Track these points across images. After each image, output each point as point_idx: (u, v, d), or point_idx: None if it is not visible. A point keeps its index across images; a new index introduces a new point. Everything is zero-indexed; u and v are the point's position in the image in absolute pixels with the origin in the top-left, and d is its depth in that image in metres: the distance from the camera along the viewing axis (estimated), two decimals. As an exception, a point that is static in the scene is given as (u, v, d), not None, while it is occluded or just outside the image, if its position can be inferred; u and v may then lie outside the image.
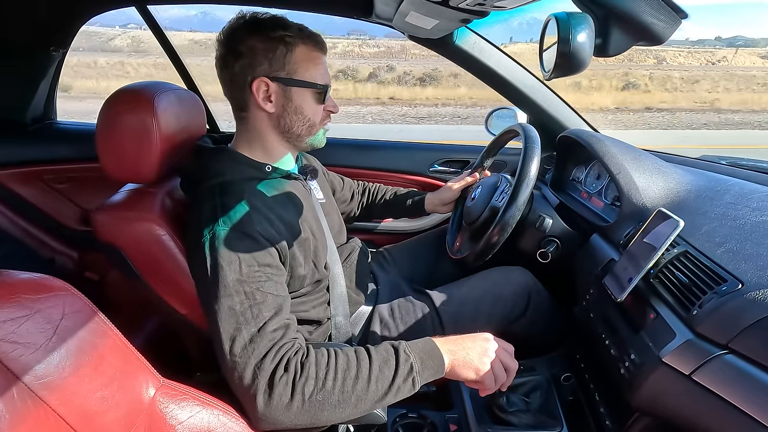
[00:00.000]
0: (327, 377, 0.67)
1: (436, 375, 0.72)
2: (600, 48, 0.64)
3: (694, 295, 0.65)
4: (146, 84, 0.84)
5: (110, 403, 0.51)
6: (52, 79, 1.49)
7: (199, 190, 0.80)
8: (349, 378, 0.68)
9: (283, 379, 0.65)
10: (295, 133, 0.85)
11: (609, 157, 1.00)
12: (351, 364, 0.69)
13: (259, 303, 0.69)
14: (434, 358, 0.72)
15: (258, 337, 0.67)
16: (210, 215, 0.74)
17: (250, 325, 0.68)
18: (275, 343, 0.68)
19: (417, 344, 0.73)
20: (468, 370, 0.73)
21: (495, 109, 1.49)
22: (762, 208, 0.76)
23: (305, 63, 0.81)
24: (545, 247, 1.03)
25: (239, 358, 0.66)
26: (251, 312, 0.68)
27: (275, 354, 0.67)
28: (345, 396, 0.67)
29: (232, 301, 0.68)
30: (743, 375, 0.55)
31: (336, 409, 0.67)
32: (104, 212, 0.81)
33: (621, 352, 0.75)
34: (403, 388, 0.70)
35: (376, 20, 1.27)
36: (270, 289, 0.72)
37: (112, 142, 0.80)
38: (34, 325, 0.46)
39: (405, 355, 0.71)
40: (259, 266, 0.72)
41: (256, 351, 0.66)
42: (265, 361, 0.66)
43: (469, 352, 0.74)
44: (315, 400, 0.66)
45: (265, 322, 0.68)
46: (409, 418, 0.88)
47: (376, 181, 1.38)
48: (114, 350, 0.55)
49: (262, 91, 0.80)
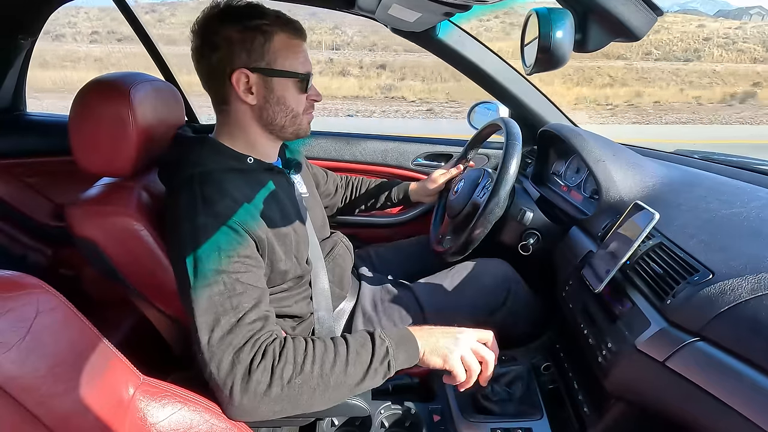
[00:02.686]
0: (305, 361, 0.67)
1: (410, 360, 0.73)
2: (579, 43, 0.65)
3: (668, 285, 0.67)
4: (122, 75, 0.82)
5: (88, 403, 0.50)
6: (20, 68, 1.43)
7: (178, 179, 0.78)
8: (327, 362, 0.68)
9: (260, 366, 0.65)
10: (279, 125, 0.83)
11: (587, 151, 1.02)
12: (329, 349, 0.70)
13: (239, 294, 0.68)
14: (408, 342, 0.73)
15: (237, 328, 0.66)
16: (189, 205, 0.73)
17: (229, 316, 0.67)
18: (254, 335, 0.67)
19: (392, 330, 0.75)
20: (436, 357, 0.74)
21: (477, 103, 1.50)
22: (732, 201, 0.78)
23: (284, 52, 0.79)
24: (526, 239, 1.05)
25: (217, 348, 0.65)
26: (230, 302, 0.68)
27: (253, 344, 0.66)
28: (324, 380, 0.67)
29: (211, 291, 0.67)
30: (714, 361, 0.57)
31: (315, 393, 0.67)
32: (79, 207, 0.79)
33: (598, 341, 0.77)
34: (380, 370, 0.70)
35: (359, 12, 1.25)
36: (249, 280, 0.71)
37: (85, 135, 0.78)
38: (7, 324, 0.44)
39: (380, 339, 0.72)
40: (238, 257, 0.71)
41: (234, 341, 0.66)
42: (243, 351, 0.65)
43: (440, 339, 0.75)
44: (294, 384, 0.66)
45: (245, 313, 0.68)
46: (392, 410, 0.89)
47: (359, 175, 1.37)
48: (91, 348, 0.53)
49: (242, 83, 0.77)
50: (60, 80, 11.43)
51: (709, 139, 8.00)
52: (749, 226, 0.70)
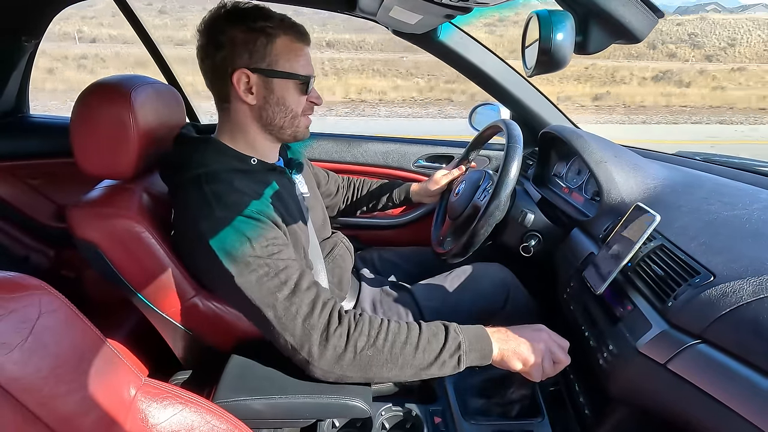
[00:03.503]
0: (378, 336, 0.71)
1: (483, 360, 0.75)
2: (580, 45, 0.65)
3: (670, 288, 0.67)
4: (123, 77, 0.82)
5: (90, 404, 0.50)
6: (24, 70, 1.43)
7: (182, 179, 0.78)
8: (399, 341, 0.71)
9: (338, 331, 0.70)
10: (278, 125, 0.84)
11: (588, 152, 1.02)
12: (402, 330, 0.73)
13: (283, 269, 0.72)
14: (483, 342, 0.75)
15: (295, 297, 0.70)
16: (201, 204, 0.74)
17: (283, 289, 0.70)
18: (315, 298, 0.71)
19: (469, 328, 0.76)
20: (516, 361, 0.76)
21: (479, 104, 1.51)
22: (733, 203, 0.78)
23: (286, 54, 0.80)
24: (527, 241, 1.05)
25: (286, 319, 0.69)
26: (279, 278, 0.71)
27: (321, 307, 0.71)
28: (393, 357, 0.71)
29: (257, 274, 0.70)
30: (715, 364, 0.57)
31: (383, 368, 0.71)
32: (80, 208, 0.79)
33: (600, 343, 0.77)
34: (449, 363, 0.73)
35: (360, 14, 1.26)
36: (286, 256, 0.74)
37: (87, 137, 0.78)
38: (9, 325, 0.45)
39: (455, 333, 0.74)
40: (267, 240, 0.73)
41: (300, 309, 0.70)
42: (312, 316, 0.70)
43: (521, 344, 0.76)
44: (365, 355, 0.70)
45: (297, 282, 0.71)
46: (393, 411, 0.89)
47: (360, 176, 1.38)
48: (93, 349, 0.54)
49: (243, 82, 0.79)
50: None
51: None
52: (751, 228, 0.70)
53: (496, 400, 0.89)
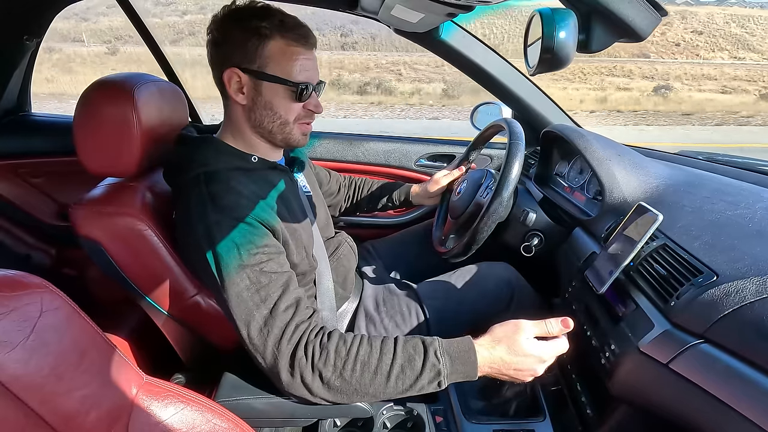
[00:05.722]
0: (345, 367, 0.69)
1: (467, 378, 0.72)
2: (583, 44, 0.65)
3: (672, 287, 0.67)
4: (126, 75, 0.82)
5: (92, 402, 0.50)
6: (26, 69, 1.43)
7: (183, 179, 0.78)
8: (368, 372, 0.69)
9: (302, 361, 0.68)
10: (266, 129, 0.83)
11: (591, 152, 1.02)
12: (372, 358, 0.70)
13: (265, 285, 0.71)
14: (467, 363, 0.71)
15: (271, 319, 0.69)
16: (199, 206, 0.74)
17: (261, 309, 0.70)
18: (288, 322, 0.70)
19: (453, 345, 0.72)
20: (504, 377, 0.74)
21: (480, 104, 1.50)
22: (736, 203, 0.78)
23: (278, 57, 0.77)
24: (529, 241, 1.05)
25: (257, 341, 0.69)
26: (259, 296, 0.70)
27: (291, 333, 0.69)
28: (362, 387, 0.69)
29: (238, 288, 0.70)
30: (718, 363, 0.56)
31: (354, 396, 0.70)
32: (83, 207, 0.79)
33: (602, 343, 0.76)
34: (428, 387, 0.71)
35: (362, 13, 1.25)
36: (273, 268, 0.73)
37: (90, 136, 0.78)
38: (11, 324, 0.45)
39: (434, 358, 0.70)
40: (257, 248, 0.72)
41: (271, 333, 0.69)
42: (282, 342, 0.69)
43: (505, 356, 0.72)
44: (334, 384, 0.69)
45: (275, 303, 0.70)
46: (395, 411, 0.89)
47: (362, 176, 1.37)
48: (95, 348, 0.54)
49: (234, 81, 0.78)
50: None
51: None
52: (754, 228, 0.70)
53: (497, 399, 0.89)
